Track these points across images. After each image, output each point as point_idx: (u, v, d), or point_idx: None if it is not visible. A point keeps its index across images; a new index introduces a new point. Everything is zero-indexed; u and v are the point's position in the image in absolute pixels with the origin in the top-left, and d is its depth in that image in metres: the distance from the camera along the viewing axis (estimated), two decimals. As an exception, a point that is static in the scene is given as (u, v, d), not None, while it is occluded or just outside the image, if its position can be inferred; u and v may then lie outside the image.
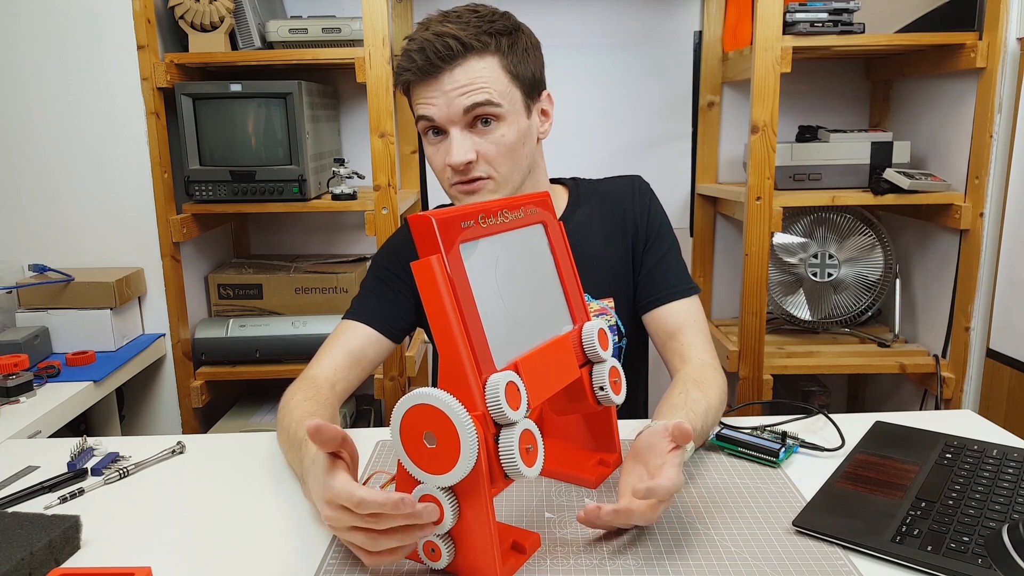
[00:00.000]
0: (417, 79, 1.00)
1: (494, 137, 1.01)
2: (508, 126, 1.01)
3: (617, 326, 1.15)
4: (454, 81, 0.98)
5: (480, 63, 0.99)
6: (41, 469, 0.96)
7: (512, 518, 0.81)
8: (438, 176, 1.06)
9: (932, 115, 1.89)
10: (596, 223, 1.15)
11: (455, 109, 0.98)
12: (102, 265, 1.73)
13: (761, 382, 1.80)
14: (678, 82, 2.11)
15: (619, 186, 1.18)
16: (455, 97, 0.98)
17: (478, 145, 1.00)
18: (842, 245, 1.95)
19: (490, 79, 0.99)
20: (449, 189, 1.05)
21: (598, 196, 1.18)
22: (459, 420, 0.65)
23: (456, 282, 0.69)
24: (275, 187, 1.74)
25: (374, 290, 1.14)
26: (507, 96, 1.00)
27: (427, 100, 1.00)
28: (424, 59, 0.97)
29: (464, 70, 0.98)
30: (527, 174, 1.07)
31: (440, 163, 1.03)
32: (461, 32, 0.98)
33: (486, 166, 1.01)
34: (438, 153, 1.03)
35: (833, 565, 0.72)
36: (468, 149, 1.00)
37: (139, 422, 1.82)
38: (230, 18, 1.72)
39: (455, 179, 1.02)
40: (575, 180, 1.21)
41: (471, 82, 0.98)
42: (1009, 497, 0.81)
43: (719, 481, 0.89)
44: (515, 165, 1.03)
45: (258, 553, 0.76)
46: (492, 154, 1.01)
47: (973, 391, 1.76)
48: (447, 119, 0.99)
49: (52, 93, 1.66)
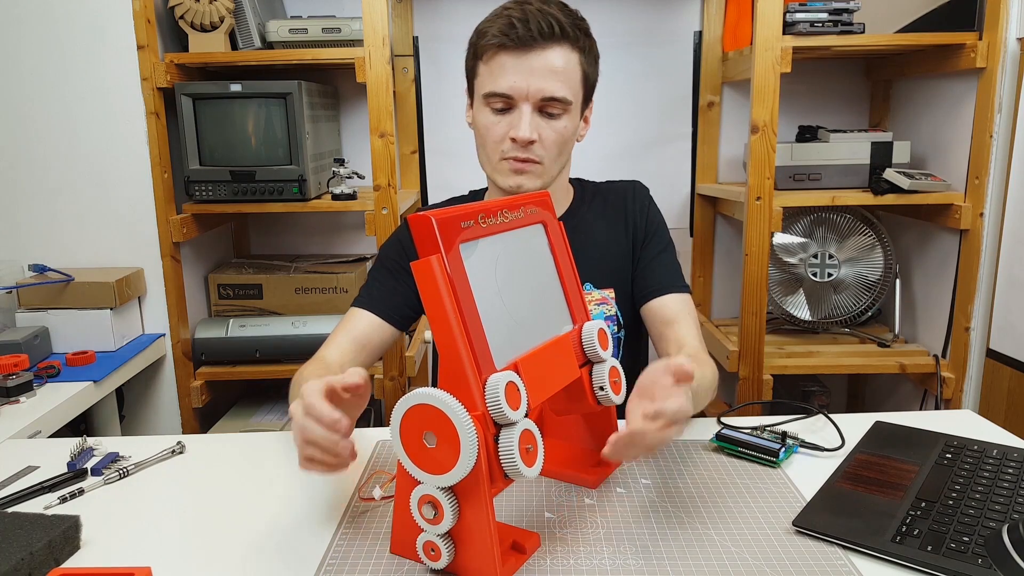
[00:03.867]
0: (512, 46, 1.02)
1: (557, 126, 1.06)
2: (569, 120, 1.07)
3: (616, 316, 1.18)
4: (543, 60, 1.02)
5: (569, 54, 1.04)
6: (41, 469, 0.96)
7: (512, 518, 0.81)
8: (488, 146, 1.09)
9: (932, 115, 1.89)
10: (599, 219, 1.20)
11: (536, 90, 1.03)
12: (102, 265, 1.73)
13: (761, 382, 1.80)
14: (678, 82, 2.11)
15: (620, 188, 1.24)
16: (539, 79, 1.02)
17: (541, 129, 1.05)
18: (842, 245, 1.95)
19: (571, 73, 1.05)
20: (498, 162, 1.08)
21: (601, 195, 1.23)
22: (459, 420, 0.65)
23: (456, 282, 0.69)
24: (275, 187, 1.74)
25: (380, 279, 1.18)
26: (576, 94, 1.06)
27: (510, 72, 1.03)
28: (526, 29, 1.00)
29: (555, 54, 1.03)
30: (563, 168, 1.13)
31: (499, 134, 1.06)
32: (563, 18, 1.02)
33: (542, 151, 1.06)
34: (499, 124, 1.06)
35: (833, 565, 0.72)
36: (535, 128, 1.04)
37: (139, 422, 1.82)
38: (230, 18, 1.72)
39: (511, 153, 1.06)
40: (579, 180, 1.26)
41: (557, 70, 1.03)
42: (1009, 497, 0.81)
43: (719, 481, 0.89)
44: (560, 157, 1.09)
45: (258, 553, 0.76)
46: (550, 141, 1.06)
47: (973, 391, 1.76)
48: (524, 95, 1.03)
49: (52, 93, 1.66)
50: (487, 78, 1.05)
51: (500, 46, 1.03)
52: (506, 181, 1.08)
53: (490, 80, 1.05)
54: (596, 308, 1.16)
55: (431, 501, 0.69)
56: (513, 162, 1.06)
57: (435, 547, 0.70)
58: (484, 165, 1.12)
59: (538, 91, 1.02)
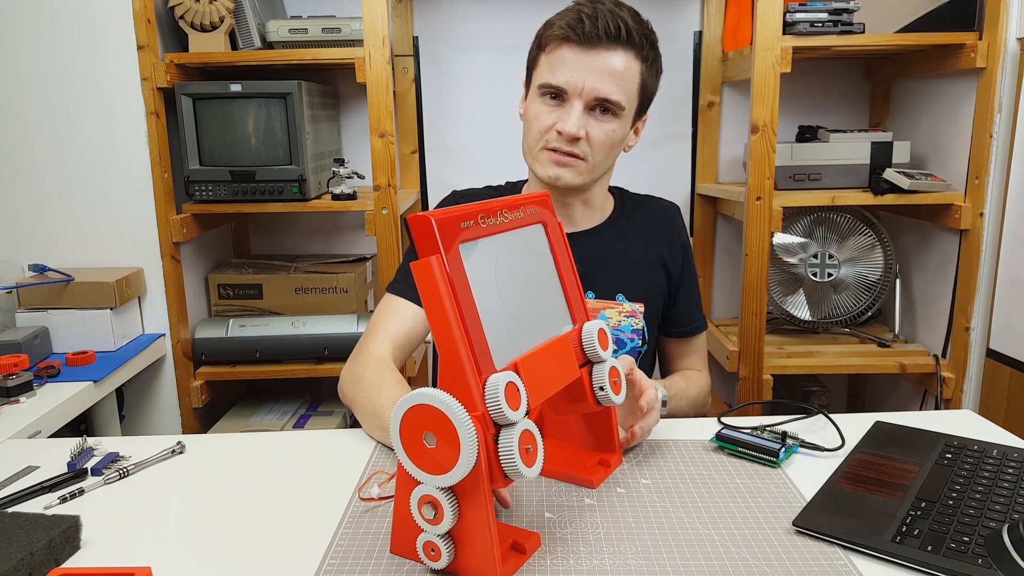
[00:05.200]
0: (576, 41, 1.03)
1: (606, 128, 1.07)
2: (620, 125, 1.08)
3: (643, 331, 1.18)
4: (603, 61, 1.03)
5: (630, 60, 1.05)
6: (41, 469, 0.96)
7: (512, 518, 0.81)
8: (532, 134, 1.10)
9: (932, 115, 1.89)
10: (639, 234, 1.21)
11: (590, 88, 1.03)
12: (102, 265, 1.73)
13: (761, 382, 1.80)
14: (678, 82, 2.11)
15: (664, 210, 1.26)
16: (596, 78, 1.03)
17: (590, 127, 1.06)
18: (842, 245, 1.95)
19: (629, 78, 1.05)
20: (538, 152, 1.09)
21: (643, 209, 1.24)
22: (459, 420, 0.65)
23: (456, 282, 0.69)
24: (275, 187, 1.74)
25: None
26: (631, 101, 1.08)
27: (569, 65, 1.03)
28: (593, 27, 1.01)
29: (617, 57, 1.03)
30: (605, 173, 1.14)
31: (546, 124, 1.07)
32: (632, 23, 1.04)
33: (587, 148, 1.07)
34: (549, 115, 1.07)
35: (833, 565, 0.72)
36: (582, 126, 1.05)
37: (139, 422, 1.82)
38: (230, 18, 1.72)
39: (554, 144, 1.07)
40: (619, 189, 1.27)
41: (615, 73, 1.03)
42: (1009, 497, 0.81)
43: (719, 481, 0.89)
44: (605, 160, 1.11)
45: (258, 553, 0.76)
46: (598, 141, 1.07)
47: (973, 391, 1.76)
48: (578, 91, 1.04)
49: (52, 93, 1.66)
50: (545, 69, 1.07)
51: (564, 39, 1.04)
52: (544, 171, 1.09)
53: (548, 72, 1.06)
54: (625, 320, 1.16)
55: (431, 501, 0.69)
56: (554, 153, 1.07)
57: (435, 547, 0.70)
58: (526, 155, 1.13)
59: (592, 89, 1.03)
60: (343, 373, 1.10)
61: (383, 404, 0.98)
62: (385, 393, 0.99)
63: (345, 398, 1.09)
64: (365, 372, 1.05)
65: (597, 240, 1.18)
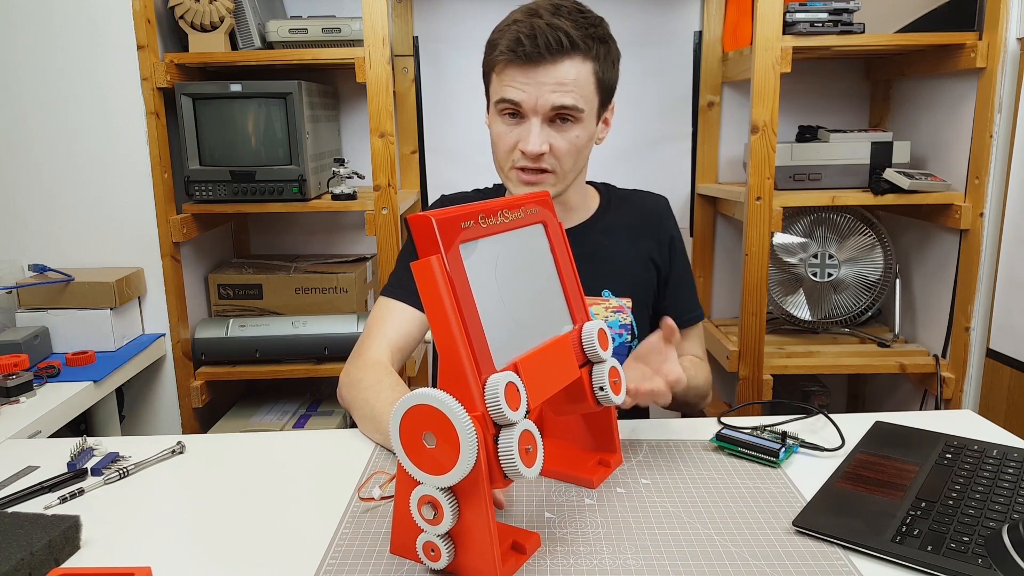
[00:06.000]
0: (519, 62, 1.02)
1: (569, 136, 1.06)
2: (582, 129, 1.06)
3: (632, 326, 1.18)
4: (552, 75, 1.02)
5: (579, 65, 1.03)
6: (41, 469, 0.96)
7: (512, 518, 0.81)
8: (499, 154, 1.10)
9: (932, 115, 1.89)
10: (625, 229, 1.20)
11: (544, 103, 1.03)
12: (102, 265, 1.73)
13: (761, 382, 1.80)
14: (678, 82, 2.11)
15: (650, 202, 1.25)
16: (548, 92, 1.02)
17: (552, 139, 1.05)
18: (842, 245, 1.95)
19: (582, 83, 1.04)
20: (508, 171, 1.10)
21: (629, 204, 1.24)
22: (459, 420, 0.65)
23: (456, 282, 0.69)
24: (275, 187, 1.74)
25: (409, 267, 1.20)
26: (589, 102, 1.06)
27: (519, 85, 1.03)
28: (533, 46, 1.00)
29: (564, 68, 1.02)
30: (580, 173, 1.14)
31: (509, 144, 1.07)
32: (573, 30, 1.01)
33: (554, 160, 1.07)
34: (510, 135, 1.07)
35: (833, 565, 0.72)
36: (544, 141, 1.04)
37: (139, 422, 1.82)
38: (230, 18, 1.72)
39: (521, 163, 1.07)
40: (607, 185, 1.27)
41: (566, 82, 1.02)
42: (1009, 497, 0.81)
43: (719, 481, 0.89)
44: (576, 164, 1.10)
45: (258, 553, 0.76)
46: (563, 151, 1.06)
47: (973, 391, 1.76)
48: (532, 108, 1.03)
49: (52, 93, 1.66)
50: (498, 87, 1.07)
51: (508, 61, 1.03)
52: (516, 190, 1.10)
53: (500, 89, 1.06)
54: (612, 316, 1.16)
55: (431, 501, 0.69)
56: (522, 172, 1.07)
57: (435, 547, 0.70)
58: (498, 171, 1.13)
59: (547, 103, 1.03)
60: (341, 377, 1.10)
61: (381, 407, 0.98)
62: (383, 396, 0.99)
63: (343, 401, 1.09)
64: (363, 375, 1.05)
65: (582, 237, 1.18)
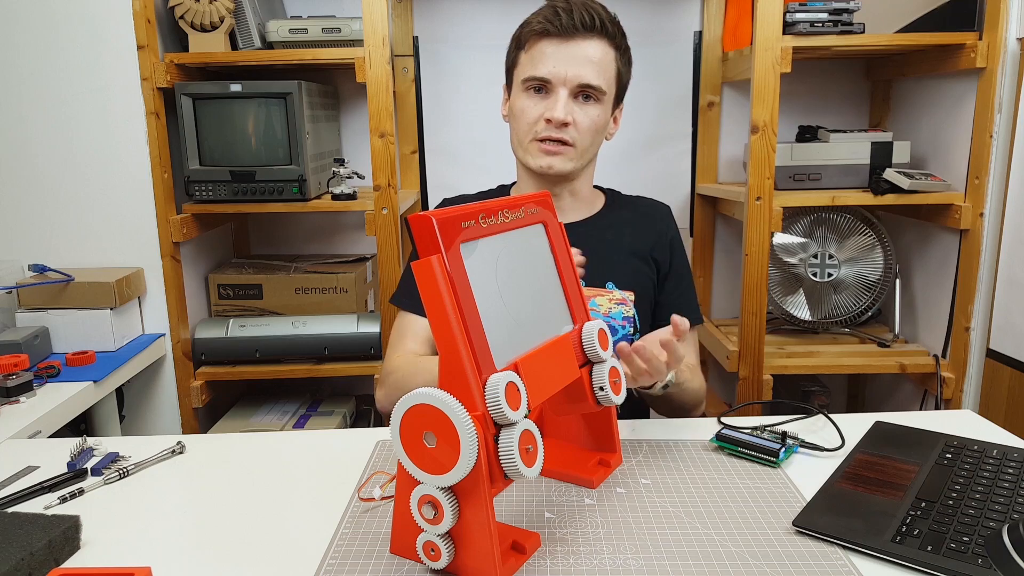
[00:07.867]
0: (554, 34, 1.10)
1: (591, 113, 1.13)
2: (602, 111, 1.15)
3: (634, 318, 1.20)
4: (583, 50, 1.10)
5: (607, 48, 1.12)
6: (41, 469, 0.96)
7: (512, 518, 0.81)
8: (521, 128, 1.15)
9: (932, 115, 1.89)
10: (628, 225, 1.25)
11: (573, 76, 1.10)
12: (102, 265, 1.73)
13: (761, 382, 1.80)
14: (678, 82, 2.11)
15: (653, 207, 1.30)
16: (577, 66, 1.09)
17: (575, 113, 1.12)
18: (842, 245, 1.95)
19: (606, 66, 1.12)
20: (528, 143, 1.15)
21: (633, 205, 1.29)
22: (459, 420, 0.65)
23: (456, 282, 0.69)
24: (275, 187, 1.74)
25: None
26: (610, 87, 1.14)
27: (549, 58, 1.10)
28: (569, 19, 1.08)
29: (594, 46, 1.10)
30: (591, 161, 1.20)
31: (534, 116, 1.13)
32: (604, 14, 1.11)
33: (575, 133, 1.13)
34: (536, 108, 1.13)
35: (833, 565, 0.72)
36: (569, 112, 1.11)
37: (139, 422, 1.82)
38: (230, 18, 1.72)
39: (544, 133, 1.12)
40: (612, 190, 1.32)
41: (594, 59, 1.10)
42: (1009, 497, 0.81)
43: (719, 481, 0.89)
44: (592, 145, 1.16)
45: (258, 553, 0.76)
46: (584, 126, 1.13)
47: (973, 391, 1.76)
48: (562, 80, 1.10)
49: (52, 93, 1.66)
50: (527, 65, 1.12)
51: (543, 33, 1.10)
52: (536, 161, 1.14)
53: (530, 66, 1.12)
54: (616, 307, 1.17)
55: (431, 501, 0.69)
56: (544, 143, 1.13)
57: (435, 547, 0.70)
58: (516, 149, 1.18)
59: (575, 76, 1.09)
60: (377, 394, 1.15)
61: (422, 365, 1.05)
62: (421, 363, 1.06)
63: (388, 400, 1.11)
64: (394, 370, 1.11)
65: (587, 231, 1.21)
